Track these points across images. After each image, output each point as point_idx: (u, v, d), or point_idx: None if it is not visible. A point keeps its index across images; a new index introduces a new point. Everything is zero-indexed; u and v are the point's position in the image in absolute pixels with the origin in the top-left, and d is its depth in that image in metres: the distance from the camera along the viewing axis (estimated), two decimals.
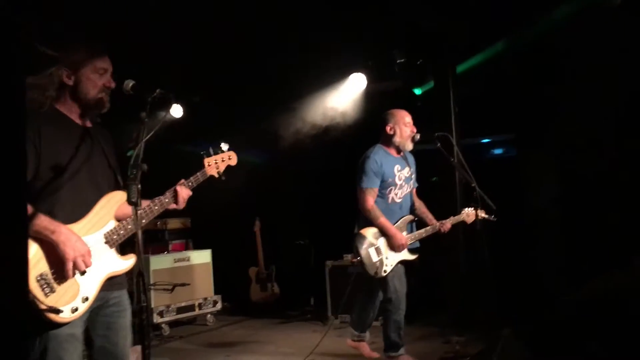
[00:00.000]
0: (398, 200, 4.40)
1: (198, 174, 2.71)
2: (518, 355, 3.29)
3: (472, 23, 5.32)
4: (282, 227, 7.96)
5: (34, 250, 2.21)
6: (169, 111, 2.44)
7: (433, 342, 5.23)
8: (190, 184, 2.68)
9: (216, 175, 2.77)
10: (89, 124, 2.51)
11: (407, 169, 4.46)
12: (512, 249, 5.85)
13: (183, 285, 6.27)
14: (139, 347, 2.21)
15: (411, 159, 4.56)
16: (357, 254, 4.25)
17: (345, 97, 6.52)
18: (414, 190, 4.62)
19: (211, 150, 2.78)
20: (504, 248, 5.55)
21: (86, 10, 4.10)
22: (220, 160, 2.79)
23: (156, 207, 2.55)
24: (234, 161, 2.85)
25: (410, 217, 4.44)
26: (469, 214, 4.41)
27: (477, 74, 6.02)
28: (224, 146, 2.81)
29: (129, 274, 2.48)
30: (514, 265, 5.78)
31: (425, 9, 5.13)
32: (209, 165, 2.74)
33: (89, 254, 2.29)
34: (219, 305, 6.80)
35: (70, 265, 2.22)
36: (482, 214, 4.28)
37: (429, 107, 6.05)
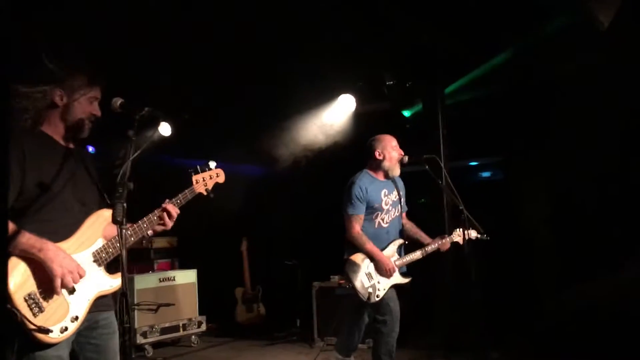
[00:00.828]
0: (385, 225, 4.37)
1: (186, 191, 2.68)
2: None
3: (462, 45, 5.38)
4: (269, 248, 7.92)
5: (22, 270, 2.17)
6: (157, 129, 2.43)
7: None
8: (178, 201, 2.64)
9: (204, 193, 2.74)
10: (72, 145, 2.50)
11: (394, 192, 4.44)
12: (500, 272, 5.85)
13: (168, 305, 6.18)
14: None
15: (400, 182, 4.55)
16: (349, 280, 4.20)
17: (334, 118, 6.54)
18: (404, 214, 4.60)
19: (199, 168, 2.75)
20: (492, 271, 5.56)
21: (73, 26, 4.09)
22: (209, 178, 2.76)
23: (145, 225, 2.52)
24: (221, 178, 2.83)
25: (400, 241, 4.40)
26: (460, 234, 4.36)
27: (465, 97, 6.08)
28: (212, 164, 2.80)
29: (114, 293, 2.44)
30: (503, 287, 5.78)
31: (416, 32, 5.17)
32: (196, 183, 2.71)
33: (77, 270, 2.25)
34: (203, 326, 6.71)
35: (58, 282, 2.19)
36: (472, 234, 4.27)
37: (418, 130, 6.08)
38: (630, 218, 5.31)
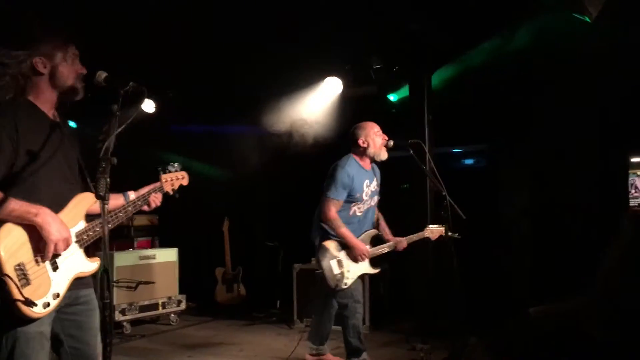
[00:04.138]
0: (359, 214, 4.39)
1: (157, 189, 2.73)
2: None
3: (450, 32, 5.37)
4: (251, 228, 7.91)
5: (16, 238, 2.16)
6: (141, 105, 2.41)
7: (398, 348, 5.24)
8: (154, 191, 2.71)
9: (171, 192, 2.81)
10: (57, 118, 2.46)
11: (374, 183, 4.46)
12: (480, 258, 5.91)
13: (147, 283, 6.17)
14: (100, 345, 2.15)
15: (377, 171, 4.56)
16: (319, 266, 4.25)
17: (320, 100, 6.51)
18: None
19: (166, 168, 2.83)
20: (473, 257, 5.62)
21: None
22: (175, 179, 2.84)
23: (130, 209, 2.56)
24: (186, 181, 2.90)
25: (374, 231, 4.44)
26: (432, 230, 4.41)
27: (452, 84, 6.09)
28: (177, 166, 2.87)
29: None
30: (482, 274, 5.84)
31: (404, 15, 5.15)
32: (165, 182, 2.78)
33: (69, 239, 2.27)
34: (183, 305, 6.70)
35: (52, 247, 2.18)
36: (443, 232, 4.35)
37: (404, 114, 6.09)
38: (609, 214, 5.37)
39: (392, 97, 6.57)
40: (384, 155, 4.40)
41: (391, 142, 4.39)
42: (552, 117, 5.76)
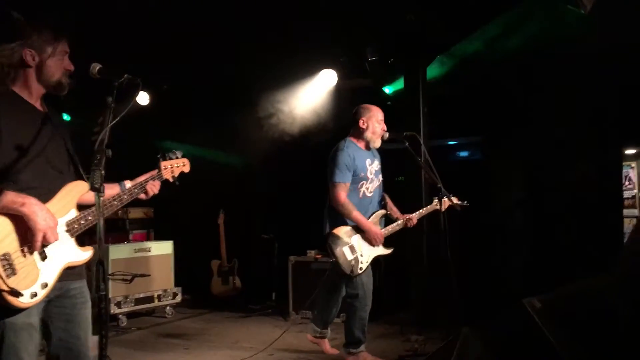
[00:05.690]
0: (369, 195, 4.39)
1: (155, 176, 2.71)
2: (477, 354, 3.35)
3: (445, 24, 5.37)
4: (246, 221, 7.91)
5: (2, 226, 2.13)
6: (136, 97, 2.39)
7: (393, 340, 5.26)
8: (152, 178, 2.68)
9: (171, 180, 2.79)
10: (45, 109, 2.45)
11: (376, 162, 4.49)
12: (475, 250, 5.94)
13: (143, 276, 6.16)
14: (95, 338, 2.15)
15: (376, 153, 4.59)
16: (332, 254, 4.21)
17: (314, 93, 6.50)
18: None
19: (166, 155, 2.79)
20: (468, 248, 5.64)
21: None
22: (176, 166, 2.81)
23: (125, 197, 2.54)
24: (187, 168, 2.88)
25: (383, 211, 4.43)
26: (444, 202, 4.39)
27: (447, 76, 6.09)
28: (179, 153, 2.83)
29: (87, 263, 2.42)
30: (477, 266, 5.86)
31: (400, 7, 5.15)
32: (165, 169, 2.75)
33: (56, 227, 2.24)
34: (178, 298, 6.71)
35: (40, 237, 2.15)
36: (455, 200, 4.34)
37: (399, 107, 6.09)
38: (603, 205, 5.40)
39: (387, 90, 6.56)
40: (377, 144, 4.44)
41: (386, 135, 4.42)
42: (546, 109, 5.76)
